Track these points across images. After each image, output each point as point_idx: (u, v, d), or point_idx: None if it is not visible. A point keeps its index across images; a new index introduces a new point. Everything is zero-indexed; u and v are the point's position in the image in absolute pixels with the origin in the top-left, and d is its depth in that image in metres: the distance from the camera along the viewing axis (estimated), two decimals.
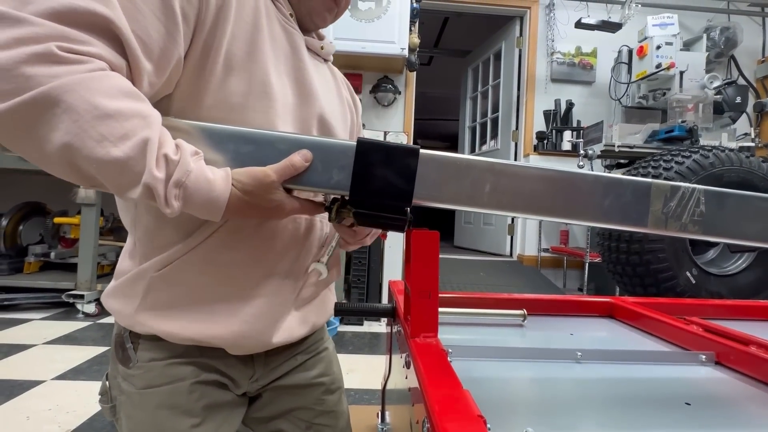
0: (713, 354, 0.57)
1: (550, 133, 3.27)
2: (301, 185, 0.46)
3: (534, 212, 0.47)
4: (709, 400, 0.46)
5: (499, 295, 0.82)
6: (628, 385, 0.49)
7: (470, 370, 0.50)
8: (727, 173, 1.81)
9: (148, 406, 0.54)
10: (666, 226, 0.48)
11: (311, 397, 0.67)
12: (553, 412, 0.41)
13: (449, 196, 0.46)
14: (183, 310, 0.53)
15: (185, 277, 0.52)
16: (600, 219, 0.48)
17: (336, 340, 1.94)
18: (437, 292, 0.49)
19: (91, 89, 0.36)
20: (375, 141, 0.45)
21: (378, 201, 0.46)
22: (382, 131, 3.15)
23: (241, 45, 0.50)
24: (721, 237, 0.50)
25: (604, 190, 0.47)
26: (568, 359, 0.55)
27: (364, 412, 1.15)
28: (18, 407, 1.19)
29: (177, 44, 0.45)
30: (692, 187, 0.48)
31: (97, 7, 0.38)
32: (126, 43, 0.40)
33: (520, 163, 0.48)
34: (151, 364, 0.54)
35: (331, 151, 0.46)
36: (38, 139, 0.37)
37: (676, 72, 2.70)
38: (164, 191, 0.40)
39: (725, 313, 0.84)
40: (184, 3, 0.45)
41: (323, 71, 0.64)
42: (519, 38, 3.42)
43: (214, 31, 0.48)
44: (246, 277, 0.54)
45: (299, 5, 0.59)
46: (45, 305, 2.28)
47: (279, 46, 0.55)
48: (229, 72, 0.49)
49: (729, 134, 2.55)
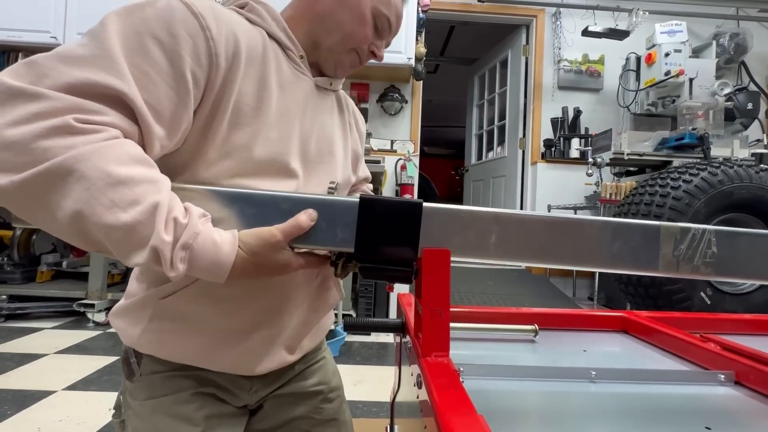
0: (732, 373, 0.55)
1: (558, 140, 3.25)
2: (307, 244, 0.47)
3: (542, 260, 0.47)
4: (730, 422, 0.44)
5: (510, 310, 0.81)
6: (646, 407, 0.47)
7: (483, 390, 0.50)
8: (737, 190, 1.77)
9: (150, 416, 0.56)
10: (678, 269, 0.47)
11: (310, 405, 0.68)
12: None
13: (455, 248, 0.46)
14: (183, 338, 0.55)
15: (186, 308, 0.54)
16: (610, 265, 0.47)
17: (343, 351, 1.93)
18: (449, 311, 0.48)
19: (104, 157, 0.38)
20: (377, 198, 0.46)
21: (383, 255, 0.46)
22: (389, 140, 3.16)
23: (248, 101, 0.52)
24: (735, 277, 0.49)
25: (613, 235, 0.47)
26: (583, 378, 0.54)
27: (373, 426, 1.13)
28: (29, 418, 1.20)
29: (188, 108, 0.47)
30: (702, 228, 0.48)
31: (110, 80, 0.40)
32: (138, 113, 0.42)
33: (525, 212, 0.49)
34: (152, 376, 0.56)
35: (335, 208, 0.46)
36: (50, 207, 0.38)
37: (685, 79, 2.68)
38: (171, 254, 0.40)
39: (742, 329, 0.82)
40: (195, 68, 0.46)
41: (328, 103, 0.66)
42: (525, 46, 3.43)
43: (223, 90, 0.50)
44: (243, 312, 0.56)
45: (328, 56, 0.61)
46: (56, 314, 2.31)
47: (287, 94, 0.57)
48: (234, 127, 0.51)
49: (741, 141, 2.52)
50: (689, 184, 1.77)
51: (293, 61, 0.59)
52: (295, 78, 0.58)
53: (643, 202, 1.84)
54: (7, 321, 2.19)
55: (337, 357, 1.82)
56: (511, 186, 3.51)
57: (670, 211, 1.73)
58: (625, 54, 3.10)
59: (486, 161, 3.96)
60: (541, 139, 3.31)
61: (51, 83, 0.38)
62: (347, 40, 0.60)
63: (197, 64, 0.46)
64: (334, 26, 0.59)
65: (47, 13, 2.69)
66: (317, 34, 0.60)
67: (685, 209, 1.72)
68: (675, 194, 1.76)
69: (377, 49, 0.64)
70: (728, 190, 1.77)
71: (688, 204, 1.73)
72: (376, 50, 0.64)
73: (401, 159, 3.09)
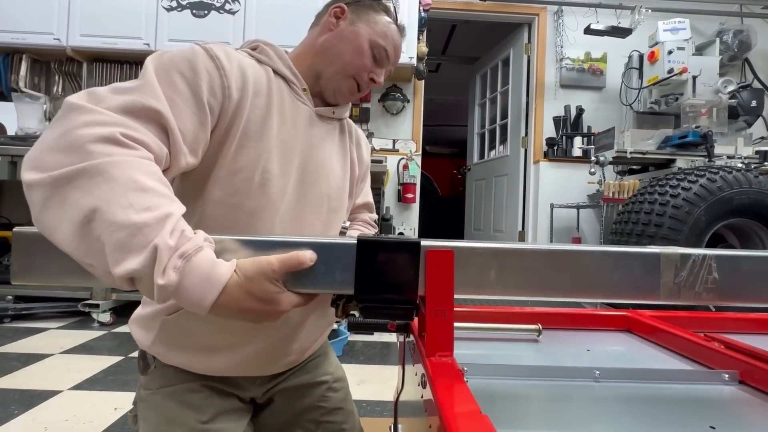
0: (737, 373, 0.55)
1: (560, 139, 3.24)
2: (307, 288, 0.46)
3: (544, 293, 0.47)
4: (735, 421, 0.44)
5: (513, 309, 0.81)
6: (650, 406, 0.48)
7: (487, 389, 0.50)
8: (737, 196, 1.76)
9: (161, 404, 0.62)
10: (680, 296, 0.47)
11: (316, 395, 0.73)
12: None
13: (455, 284, 0.47)
14: (190, 349, 0.62)
15: (189, 324, 0.60)
16: (611, 295, 0.48)
17: (346, 350, 1.93)
18: (452, 311, 0.48)
19: (136, 168, 0.42)
20: (375, 239, 0.46)
21: (384, 295, 0.46)
22: (391, 139, 3.16)
23: (254, 127, 0.60)
24: (738, 301, 0.49)
25: (612, 265, 0.47)
26: (587, 378, 0.54)
27: (377, 425, 1.14)
28: (36, 418, 1.21)
29: (206, 131, 0.56)
30: (702, 254, 0.48)
31: (152, 102, 0.48)
32: (170, 130, 0.50)
33: (524, 245, 0.49)
34: (165, 368, 0.63)
35: (333, 250, 0.46)
36: (65, 204, 0.40)
37: (688, 77, 2.67)
38: (167, 258, 0.39)
39: (746, 328, 0.82)
40: (210, 99, 0.56)
41: (330, 132, 0.73)
42: (527, 45, 3.42)
43: (234, 116, 0.58)
44: (241, 327, 0.60)
45: (328, 83, 0.69)
46: (61, 314, 2.32)
47: (287, 121, 0.64)
48: (241, 148, 0.59)
49: (745, 139, 2.50)
50: (688, 192, 1.75)
51: (296, 92, 0.67)
52: (296, 108, 0.66)
53: (642, 211, 1.83)
54: (13, 321, 2.20)
55: (341, 356, 1.83)
56: (513, 185, 3.50)
57: (670, 219, 1.72)
58: (628, 52, 3.08)
59: (488, 160, 3.96)
60: (544, 138, 3.30)
61: (105, 105, 0.45)
62: (346, 68, 0.68)
63: (212, 94, 0.56)
64: (334, 57, 0.68)
65: (51, 15, 2.71)
66: (319, 66, 0.69)
67: (685, 217, 1.71)
68: (675, 203, 1.75)
69: (376, 76, 0.70)
70: (728, 197, 1.75)
71: (688, 212, 1.72)
72: (375, 77, 0.70)
73: (403, 158, 3.09)
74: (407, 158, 3.08)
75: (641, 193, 1.93)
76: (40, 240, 0.45)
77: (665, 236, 1.70)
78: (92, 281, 0.47)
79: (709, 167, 1.87)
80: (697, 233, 1.71)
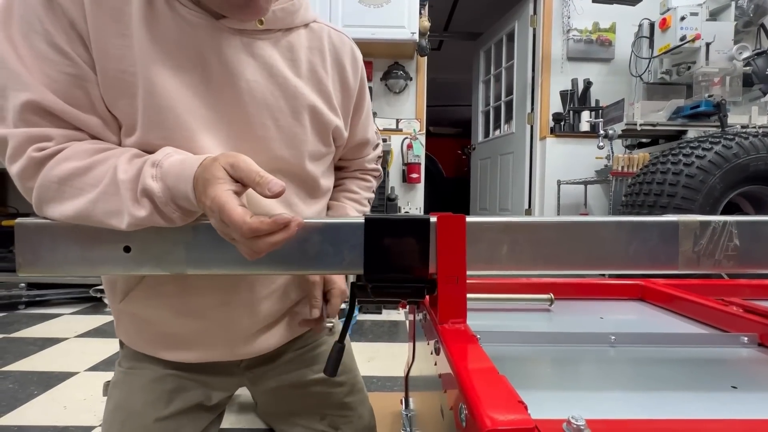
0: (756, 335, 0.54)
1: (567, 114, 3.17)
2: (315, 269, 0.46)
3: (557, 267, 0.46)
4: (757, 382, 0.44)
5: (525, 280, 0.80)
6: (668, 369, 0.47)
7: (502, 355, 0.49)
8: (753, 162, 1.70)
9: (124, 387, 0.60)
10: (699, 264, 0.46)
11: (315, 392, 0.69)
12: (592, 397, 0.40)
13: (467, 260, 0.45)
14: (150, 338, 0.59)
15: (142, 311, 0.56)
16: (628, 266, 0.46)
17: (355, 330, 1.95)
18: (465, 277, 0.47)
19: (71, 171, 0.44)
20: (383, 217, 0.45)
21: (395, 275, 0.45)
22: (395, 119, 3.11)
23: (115, 65, 0.45)
24: (760, 268, 0.48)
25: (628, 236, 0.46)
26: (602, 343, 0.53)
27: (388, 399, 1.15)
28: (55, 397, 1.24)
29: (90, 82, 0.45)
30: (723, 221, 0.46)
31: (24, 96, 0.42)
32: (61, 115, 0.44)
33: (536, 219, 0.47)
34: (135, 351, 0.61)
35: (340, 231, 0.45)
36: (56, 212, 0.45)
37: (701, 44, 2.57)
38: (146, 175, 0.42)
39: (763, 294, 0.80)
40: (73, 46, 0.44)
41: (259, 51, 0.51)
42: (533, 17, 3.31)
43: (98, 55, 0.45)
44: (196, 308, 0.55)
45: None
46: (74, 300, 2.36)
47: (170, 47, 0.47)
48: (117, 97, 0.46)
49: (759, 108, 2.43)
50: (703, 160, 1.70)
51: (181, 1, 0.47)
52: (180, 29, 0.47)
53: (655, 181, 1.78)
54: (28, 308, 2.25)
55: (350, 335, 1.84)
56: (519, 163, 3.45)
57: (684, 189, 1.68)
58: (638, 20, 2.96)
59: (493, 138, 3.89)
60: (550, 114, 3.23)
61: (5, 126, 0.44)
62: None
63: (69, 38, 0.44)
64: None
65: None
66: None
67: (699, 186, 1.67)
68: (688, 171, 1.70)
69: None
70: (744, 163, 1.70)
71: (703, 181, 1.67)
72: None
73: (407, 138, 3.05)
74: (411, 138, 3.03)
75: (653, 163, 1.89)
76: (43, 231, 0.45)
77: (678, 206, 1.67)
78: (98, 271, 0.47)
79: (725, 134, 1.82)
80: (711, 202, 1.68)
